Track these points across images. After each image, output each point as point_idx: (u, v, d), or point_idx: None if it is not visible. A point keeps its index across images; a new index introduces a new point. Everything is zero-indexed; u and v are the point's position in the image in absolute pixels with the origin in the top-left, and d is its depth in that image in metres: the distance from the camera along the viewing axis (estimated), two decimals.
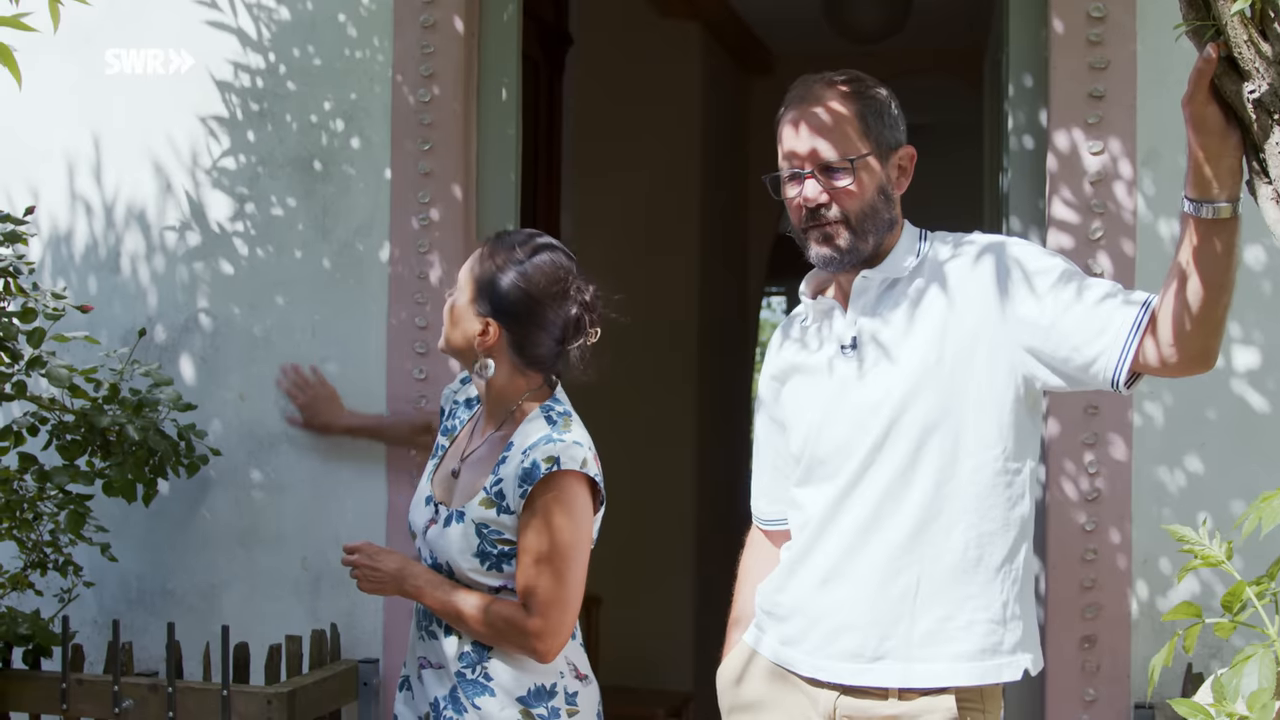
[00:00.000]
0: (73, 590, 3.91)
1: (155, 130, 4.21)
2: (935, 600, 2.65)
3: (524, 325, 2.94)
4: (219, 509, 4.11)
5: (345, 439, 3.99)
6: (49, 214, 4.27)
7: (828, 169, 2.69)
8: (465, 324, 2.96)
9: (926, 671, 2.65)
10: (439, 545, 2.96)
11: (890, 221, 2.73)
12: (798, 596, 2.76)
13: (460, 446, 3.08)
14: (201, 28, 4.16)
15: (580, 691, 2.98)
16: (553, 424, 2.92)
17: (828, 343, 2.78)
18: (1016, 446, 2.66)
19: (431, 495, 3.05)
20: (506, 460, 2.90)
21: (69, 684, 3.69)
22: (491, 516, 2.89)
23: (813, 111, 2.72)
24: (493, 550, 2.89)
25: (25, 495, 3.83)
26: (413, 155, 3.96)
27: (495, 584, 2.92)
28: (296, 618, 4.01)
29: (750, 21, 7.52)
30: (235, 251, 4.12)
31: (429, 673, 3.01)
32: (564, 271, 2.97)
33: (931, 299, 2.68)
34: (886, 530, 2.67)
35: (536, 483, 2.83)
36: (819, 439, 2.75)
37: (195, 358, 4.15)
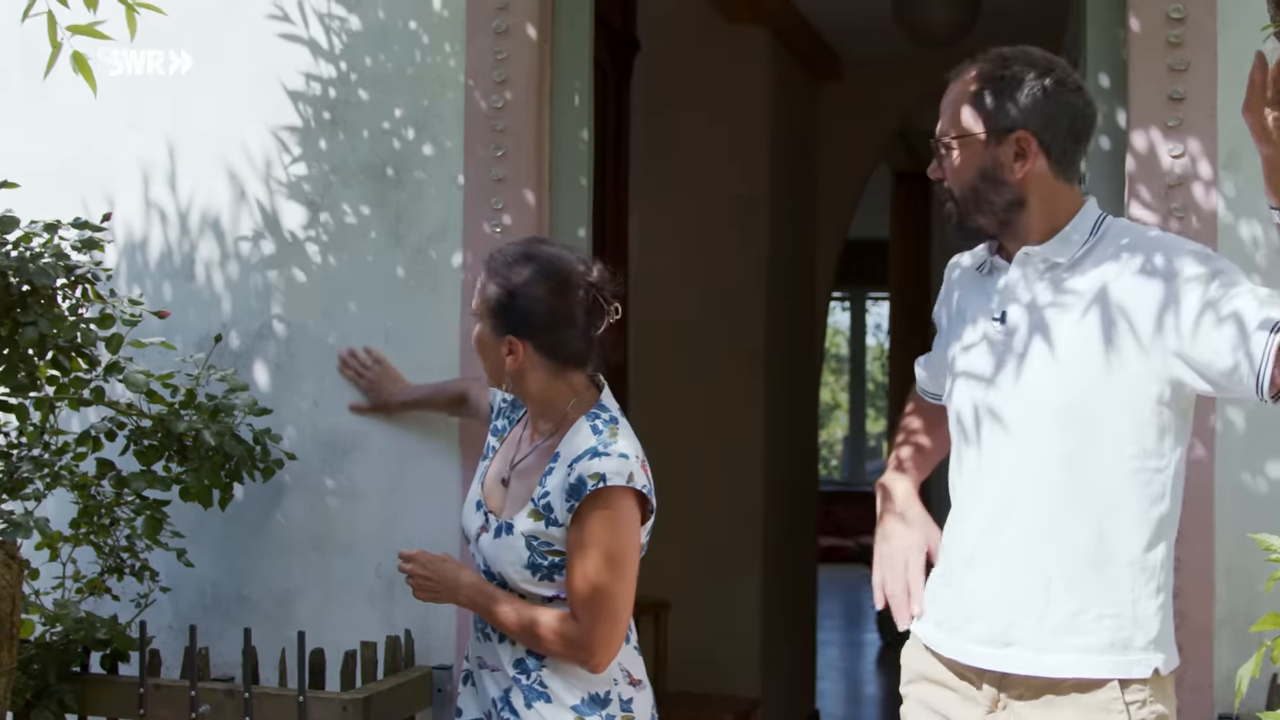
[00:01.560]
0: (149, 595, 3.93)
1: (229, 138, 4.23)
2: (1067, 591, 2.66)
3: (546, 330, 2.94)
4: (293, 515, 4.13)
5: (418, 444, 4.00)
6: (124, 221, 4.30)
7: (944, 146, 2.78)
8: (493, 352, 2.97)
9: (1056, 661, 2.66)
10: (491, 555, 2.96)
11: (1008, 204, 2.74)
12: (946, 579, 2.80)
13: (509, 453, 3.07)
14: (273, 39, 4.18)
15: (635, 697, 2.98)
16: (598, 433, 2.91)
17: (988, 302, 2.80)
18: (1157, 446, 2.65)
19: (482, 501, 3.05)
20: (553, 472, 2.90)
21: (146, 689, 3.71)
22: (540, 529, 2.89)
23: (947, 89, 2.79)
24: (543, 562, 2.89)
25: (103, 501, 3.86)
26: (485, 161, 3.97)
27: (548, 594, 2.92)
28: (370, 624, 4.01)
29: (818, 26, 7.50)
30: (308, 259, 4.14)
31: (486, 674, 3.02)
32: (562, 264, 2.96)
33: (1089, 289, 2.67)
34: (1020, 518, 2.69)
35: (583, 499, 2.83)
36: (963, 405, 2.79)
37: (269, 364, 4.16)
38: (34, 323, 3.55)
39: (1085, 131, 2.77)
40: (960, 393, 2.82)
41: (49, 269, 3.56)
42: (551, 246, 3.01)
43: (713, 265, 6.86)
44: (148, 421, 3.80)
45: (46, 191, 4.15)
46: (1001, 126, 2.71)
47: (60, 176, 4.37)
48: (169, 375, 3.84)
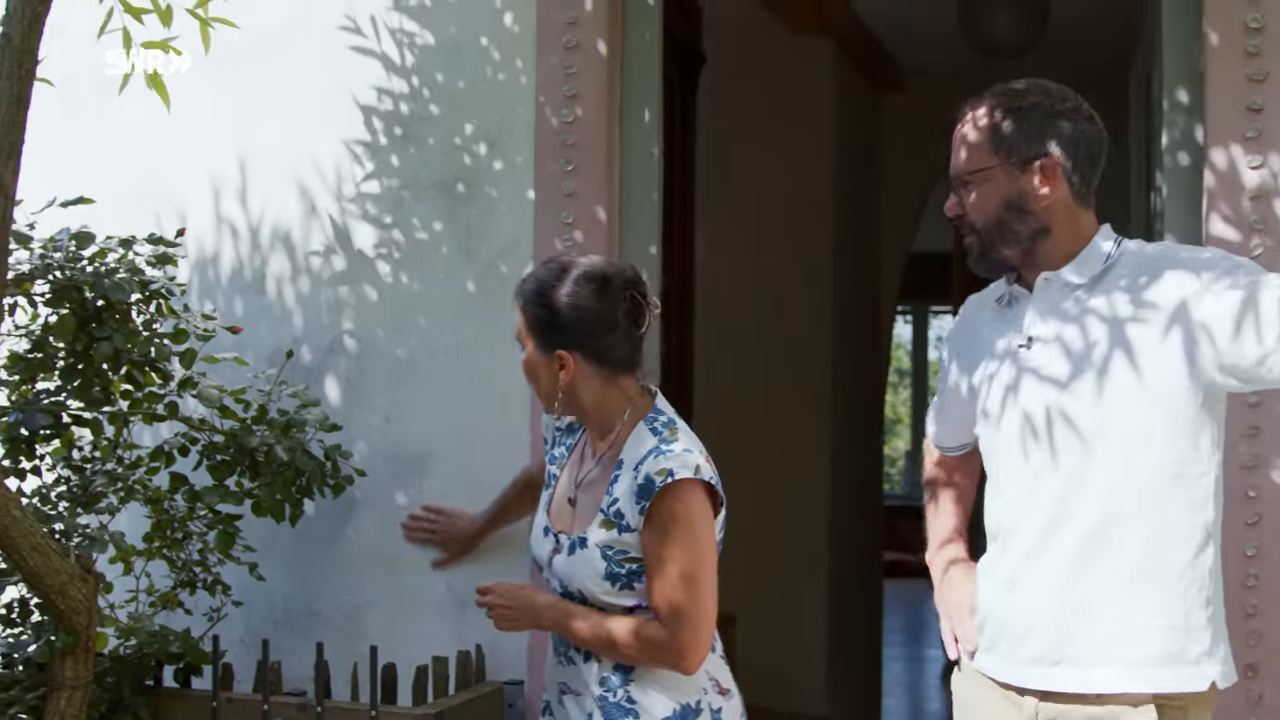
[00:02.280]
0: (221, 609, 3.95)
1: (300, 153, 4.25)
2: (1113, 605, 2.63)
3: (592, 336, 2.92)
4: (364, 530, 4.14)
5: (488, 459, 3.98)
6: (195, 237, 4.33)
7: (962, 183, 2.78)
8: (544, 371, 2.96)
9: (1105, 676, 2.63)
10: (567, 573, 2.94)
11: (1034, 232, 2.72)
12: (987, 604, 2.78)
13: (572, 473, 3.06)
14: (345, 53, 4.20)
15: (724, 707, 2.95)
16: (658, 434, 2.89)
17: (1012, 331, 2.78)
18: (1196, 451, 2.63)
19: (549, 526, 3.04)
20: (619, 479, 2.88)
21: (219, 703, 3.72)
22: (613, 537, 2.87)
23: (959, 126, 2.80)
24: (621, 570, 2.87)
25: (175, 515, 3.88)
26: (556, 176, 3.97)
27: (629, 603, 2.89)
28: (441, 639, 4.01)
29: (882, 38, 7.47)
30: (379, 274, 4.15)
31: (569, 698, 3.00)
32: (595, 270, 2.94)
33: (1114, 307, 2.66)
34: (1061, 538, 2.66)
35: (653, 497, 2.81)
36: (996, 429, 2.77)
37: (340, 379, 4.18)
38: (109, 338, 3.59)
39: (1099, 158, 2.78)
40: (995, 427, 2.80)
41: (124, 284, 3.59)
42: (581, 258, 3.00)
43: (778, 278, 6.83)
44: (220, 437, 3.81)
45: (120, 208, 4.18)
46: (1025, 155, 2.71)
47: (133, 193, 4.41)
48: (241, 390, 3.86)
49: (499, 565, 3.78)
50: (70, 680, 3.36)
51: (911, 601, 12.70)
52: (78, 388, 3.69)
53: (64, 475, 3.83)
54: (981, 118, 2.75)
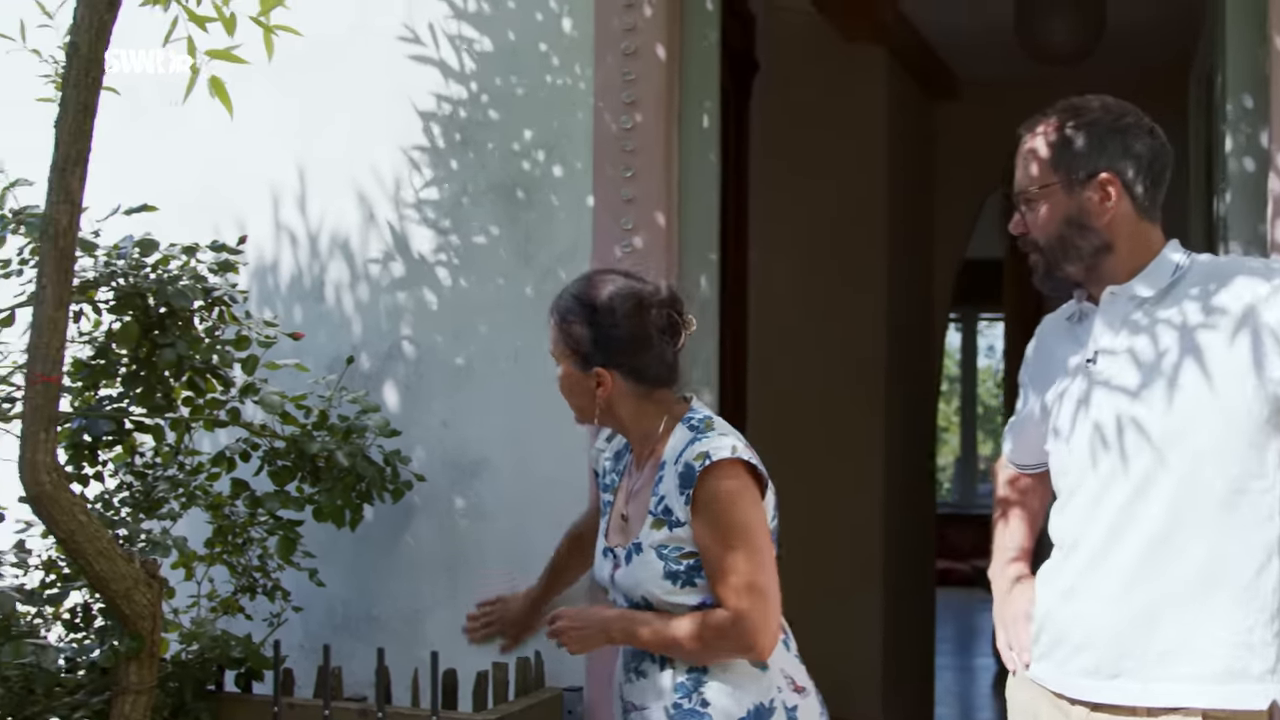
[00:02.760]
0: (281, 614, 3.96)
1: (359, 160, 4.27)
2: (1174, 619, 2.61)
3: (629, 355, 2.93)
4: (423, 535, 4.14)
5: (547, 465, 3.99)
6: (255, 244, 4.34)
7: (1024, 200, 2.78)
8: (582, 388, 2.97)
9: (1165, 691, 2.61)
10: (629, 583, 2.95)
11: (1096, 249, 2.73)
12: (1045, 611, 2.77)
13: (624, 493, 3.07)
14: (403, 60, 4.21)
15: (800, 705, 2.93)
16: (695, 429, 2.91)
17: (1081, 346, 2.77)
18: (1261, 467, 2.61)
19: (608, 547, 3.04)
20: (663, 477, 2.89)
21: (280, 708, 3.73)
22: (666, 535, 2.87)
23: (1022, 143, 2.80)
24: (679, 568, 2.87)
25: (236, 520, 3.90)
26: (615, 182, 3.97)
27: (694, 601, 2.88)
28: None
29: (936, 45, 7.45)
30: (438, 280, 4.16)
31: (635, 716, 3.00)
32: (630, 288, 2.95)
33: (1181, 315, 2.65)
34: (1124, 546, 2.65)
35: (695, 482, 2.81)
36: (1066, 446, 2.76)
37: (399, 385, 4.19)
38: (172, 345, 3.61)
39: (1163, 172, 2.77)
40: (1065, 440, 2.79)
41: (187, 291, 3.61)
42: (611, 274, 3.01)
43: (831, 284, 6.82)
44: (281, 442, 3.83)
45: (180, 216, 4.20)
46: (1086, 172, 2.71)
47: (193, 200, 4.44)
48: (302, 397, 3.88)
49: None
50: (135, 684, 3.38)
51: (962, 610, 12.65)
52: (140, 394, 3.71)
53: (126, 481, 3.86)
54: (1043, 135, 2.75)
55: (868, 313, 6.90)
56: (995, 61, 7.34)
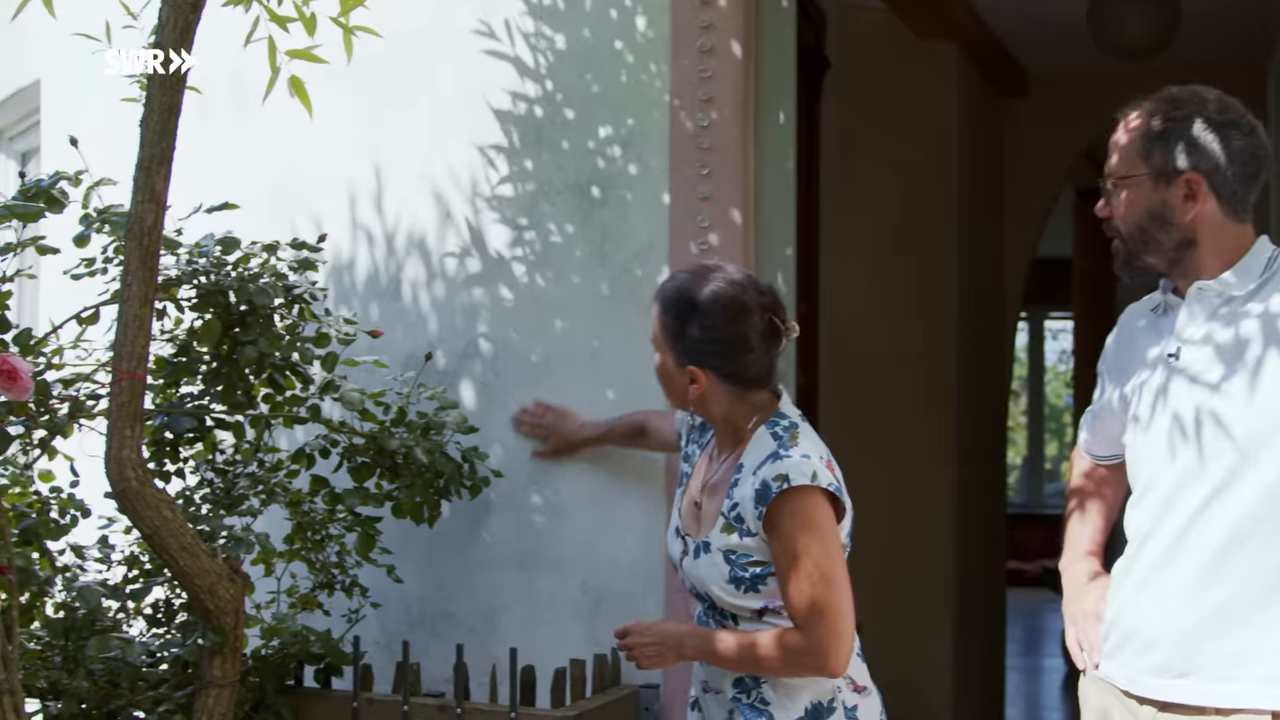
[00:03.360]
0: (359, 611, 3.98)
1: (434, 158, 4.29)
2: (1246, 621, 2.59)
3: (725, 357, 2.94)
4: (499, 532, 4.16)
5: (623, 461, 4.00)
6: (331, 242, 4.35)
7: (1110, 185, 2.77)
8: (676, 381, 3.00)
9: (1234, 692, 2.59)
10: (694, 576, 2.96)
11: (1178, 244, 2.71)
12: (1116, 608, 2.75)
13: (700, 477, 3.07)
14: (479, 57, 4.23)
15: (860, 704, 2.94)
16: (778, 439, 2.90)
17: (1165, 339, 2.75)
18: None
19: (680, 526, 3.05)
20: (739, 483, 2.89)
21: (360, 704, 3.75)
22: (735, 541, 2.87)
23: (1117, 127, 2.77)
24: (744, 574, 2.87)
25: (315, 517, 3.92)
26: (691, 180, 3.97)
27: (757, 605, 2.89)
28: (575, 641, 4.02)
29: (1006, 41, 7.41)
30: (514, 278, 4.17)
31: (710, 696, 3.02)
32: (737, 289, 2.95)
33: (1267, 309, 2.63)
34: (1197, 547, 2.63)
35: (770, 503, 2.81)
36: (1144, 438, 2.75)
37: (475, 382, 4.20)
38: (253, 342, 3.63)
39: (1257, 173, 2.72)
40: (1143, 432, 2.76)
41: (268, 289, 3.63)
42: (721, 271, 3.00)
43: (902, 284, 6.79)
44: (360, 439, 3.85)
45: (256, 215, 4.22)
46: (1171, 169, 2.69)
47: (269, 198, 4.47)
48: (380, 393, 3.90)
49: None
50: (218, 679, 3.41)
51: (1029, 611, 12.58)
52: (221, 391, 3.74)
53: (207, 478, 3.89)
54: (1137, 123, 2.73)
55: (938, 312, 6.87)
56: (1066, 56, 7.31)
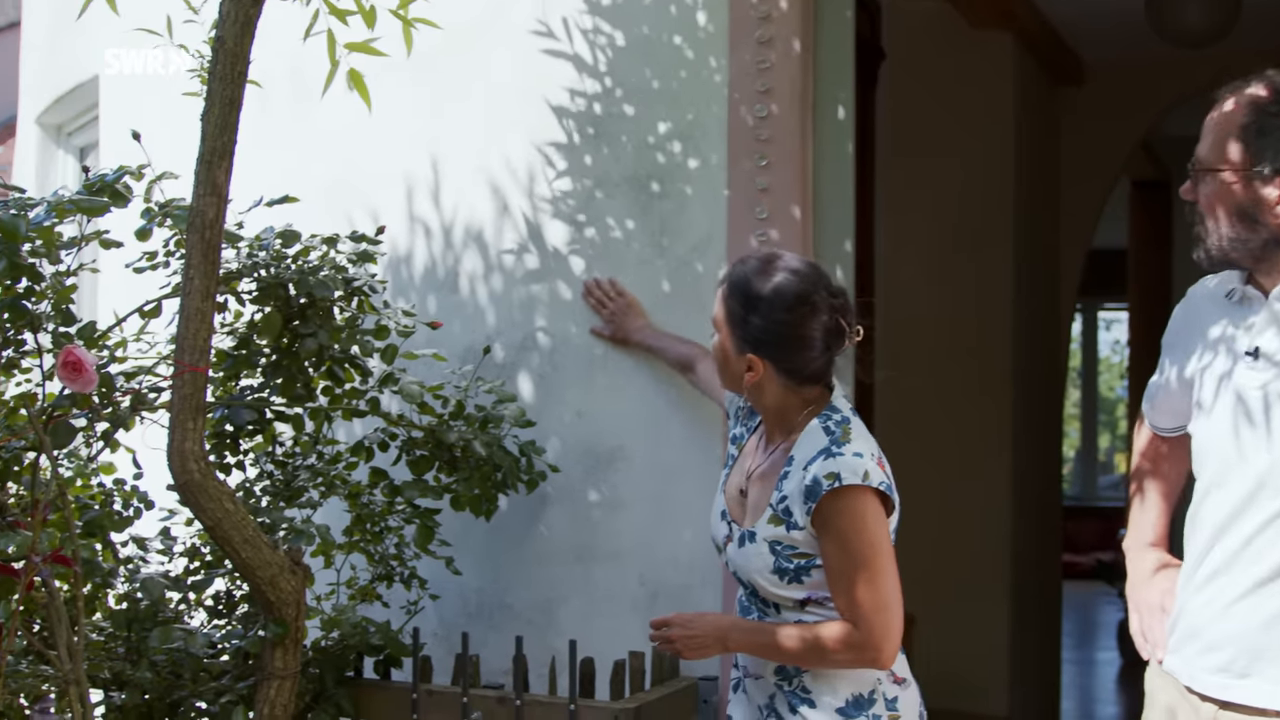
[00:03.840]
0: (418, 602, 4.00)
1: (492, 153, 4.29)
2: None
3: (786, 351, 2.92)
4: (556, 525, 4.16)
5: (681, 455, 4.00)
6: (389, 236, 4.38)
7: (1199, 170, 2.67)
8: (733, 365, 2.98)
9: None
10: (738, 564, 2.96)
11: (1264, 242, 2.60)
12: (1181, 604, 2.72)
13: (746, 463, 3.06)
14: (537, 54, 4.23)
15: (900, 696, 2.94)
16: (830, 434, 2.88)
17: (1238, 332, 2.67)
18: None
19: (726, 510, 3.04)
20: (788, 476, 2.88)
21: (419, 695, 3.77)
22: (781, 534, 2.86)
23: (1214, 108, 2.66)
24: (789, 565, 2.87)
25: (374, 509, 3.94)
26: (750, 172, 3.96)
27: (800, 596, 2.89)
28: (632, 633, 4.02)
29: (1063, 31, 7.36)
30: (571, 271, 4.18)
31: (750, 681, 3.02)
32: (807, 285, 2.92)
33: None
34: (1267, 553, 2.57)
35: (820, 500, 2.80)
36: (1209, 429, 2.69)
37: (533, 375, 4.21)
38: (313, 334, 3.65)
39: None
40: (1209, 421, 2.71)
41: (328, 281, 3.65)
42: (793, 263, 2.97)
43: (957, 276, 6.76)
44: (419, 432, 3.86)
45: (314, 209, 4.24)
46: (1270, 167, 2.57)
47: (327, 192, 4.49)
48: (439, 386, 3.91)
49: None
50: (279, 670, 3.42)
51: (1084, 603, 12.50)
52: (281, 384, 3.76)
53: (267, 470, 3.91)
54: (1235, 109, 2.61)
55: (995, 304, 6.83)
56: (1123, 44, 7.25)
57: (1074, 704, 9.23)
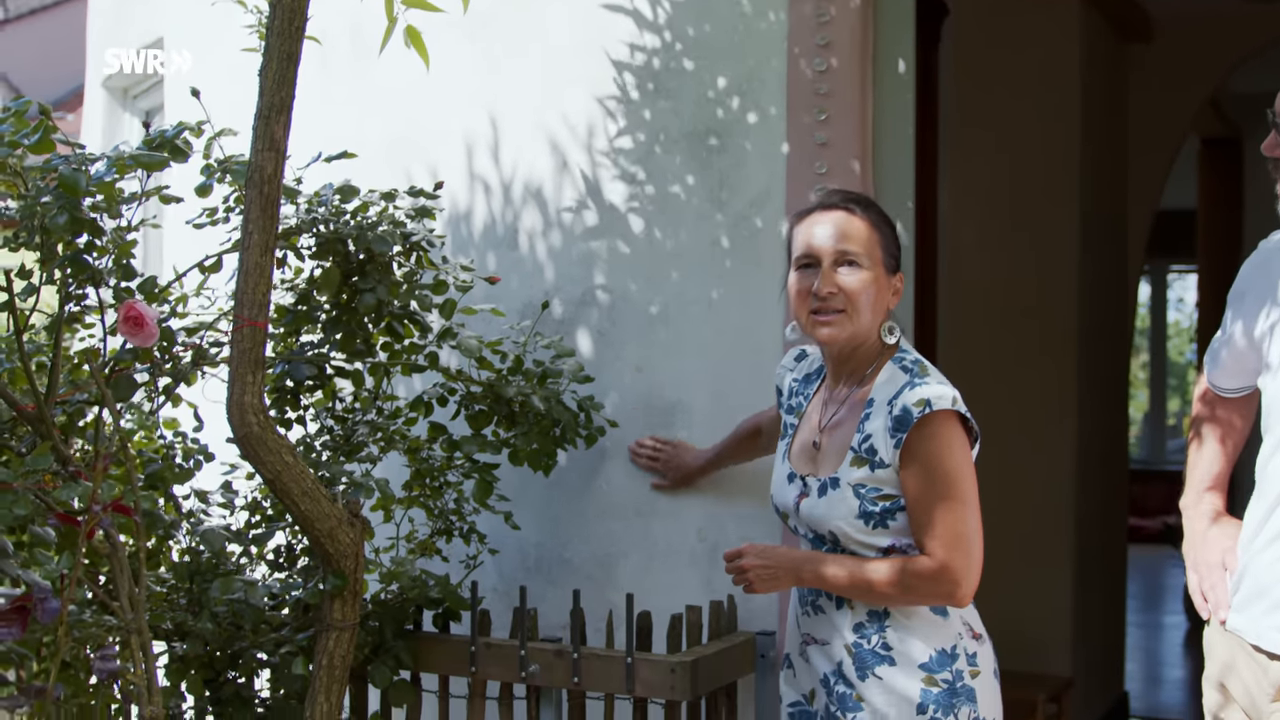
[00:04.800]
0: (477, 557, 4.02)
1: (551, 109, 4.29)
2: None
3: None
4: (614, 480, 4.17)
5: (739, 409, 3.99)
6: (449, 193, 4.39)
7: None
8: (881, 293, 2.96)
9: None
10: (817, 516, 2.93)
11: None
12: (1247, 561, 2.68)
13: (814, 419, 3.05)
14: (596, 9, 4.22)
15: (979, 651, 2.93)
16: (909, 372, 2.90)
17: None
18: None
19: (794, 472, 3.03)
20: (870, 416, 2.87)
21: (478, 648, 3.79)
22: (866, 474, 2.85)
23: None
24: (874, 509, 2.85)
25: (434, 464, 3.96)
26: (809, 127, 3.93)
27: (884, 543, 2.87)
28: (691, 588, 4.03)
29: None
30: (630, 228, 4.17)
31: (814, 649, 2.99)
32: None
33: None
34: None
35: (911, 428, 2.78)
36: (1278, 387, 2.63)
37: (592, 331, 4.21)
38: (372, 289, 3.66)
39: None
40: (1276, 376, 2.67)
41: (387, 237, 3.66)
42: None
43: (1022, 236, 6.70)
44: (478, 387, 3.87)
45: (374, 166, 4.26)
46: None
47: (386, 149, 4.51)
48: (497, 342, 3.92)
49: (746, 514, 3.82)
50: (338, 622, 3.45)
51: (1151, 567, 12.44)
52: (340, 339, 3.77)
53: (327, 425, 3.93)
54: None
55: (1060, 265, 6.76)
56: (1191, 1, 7.14)
57: (1139, 666, 9.18)
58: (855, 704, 2.89)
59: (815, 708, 3.02)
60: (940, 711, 2.83)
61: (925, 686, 2.84)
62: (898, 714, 2.85)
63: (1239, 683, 2.70)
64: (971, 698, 2.87)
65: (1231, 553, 2.79)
